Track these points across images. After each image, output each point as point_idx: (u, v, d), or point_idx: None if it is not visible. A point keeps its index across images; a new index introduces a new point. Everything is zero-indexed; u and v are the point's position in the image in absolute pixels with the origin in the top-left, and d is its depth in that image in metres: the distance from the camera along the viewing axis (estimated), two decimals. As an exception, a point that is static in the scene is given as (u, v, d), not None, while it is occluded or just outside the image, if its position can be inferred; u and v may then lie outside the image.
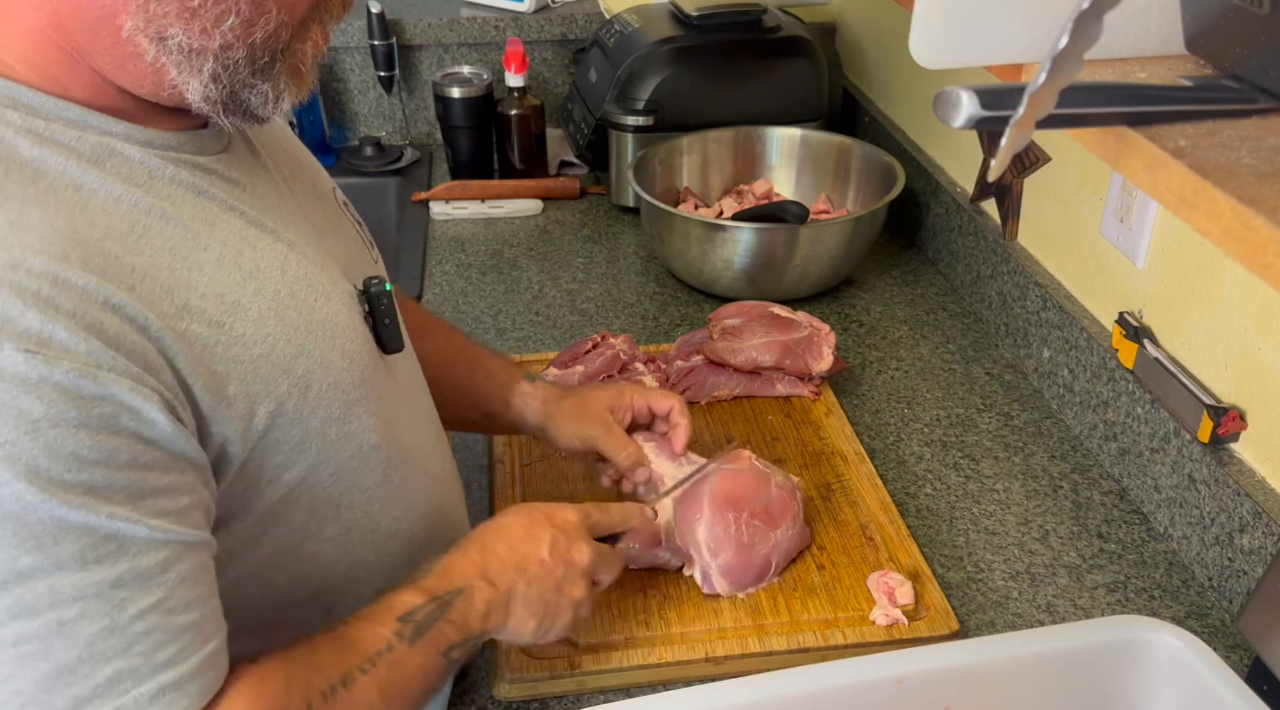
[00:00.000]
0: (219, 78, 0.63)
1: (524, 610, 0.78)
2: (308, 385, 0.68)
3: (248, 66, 0.63)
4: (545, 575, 0.79)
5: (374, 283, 0.78)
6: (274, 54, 0.64)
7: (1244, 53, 0.56)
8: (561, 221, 1.69)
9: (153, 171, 0.65)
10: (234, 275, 0.66)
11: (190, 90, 0.63)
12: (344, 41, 1.87)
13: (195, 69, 0.62)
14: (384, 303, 0.78)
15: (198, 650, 0.61)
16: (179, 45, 0.61)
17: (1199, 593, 0.99)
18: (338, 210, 0.84)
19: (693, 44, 1.61)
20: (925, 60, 0.63)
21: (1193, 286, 1.02)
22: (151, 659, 0.58)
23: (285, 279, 0.69)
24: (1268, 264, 0.45)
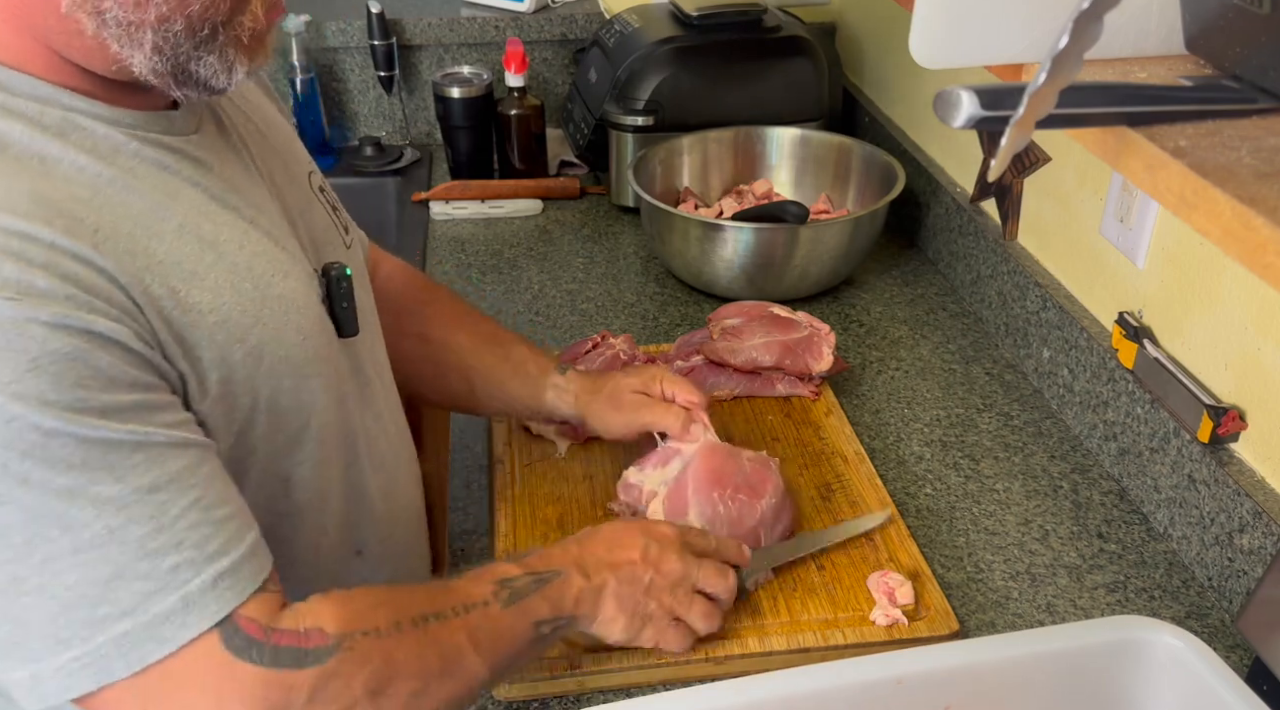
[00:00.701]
0: (161, 50, 0.64)
1: (614, 605, 0.81)
2: (260, 356, 0.70)
3: (188, 39, 0.65)
4: (635, 577, 0.82)
5: (334, 267, 0.81)
6: (214, 26, 0.66)
7: (1244, 53, 0.56)
8: (561, 221, 1.69)
9: (117, 146, 0.67)
10: (193, 246, 0.68)
11: (135, 63, 0.64)
12: (344, 41, 1.87)
13: (136, 42, 0.64)
14: (342, 286, 0.81)
15: (243, 538, 0.65)
16: (116, 19, 0.62)
17: (1199, 593, 0.99)
18: (310, 194, 0.85)
19: (693, 44, 1.61)
20: (925, 60, 0.63)
21: (1193, 286, 1.02)
22: (203, 550, 0.62)
23: (244, 253, 0.71)
24: (1268, 264, 0.45)
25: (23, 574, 0.58)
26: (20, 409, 0.55)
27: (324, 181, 0.90)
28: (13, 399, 0.55)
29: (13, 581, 0.58)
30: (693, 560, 0.86)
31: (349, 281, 0.81)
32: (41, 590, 0.59)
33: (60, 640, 0.59)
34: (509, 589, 0.76)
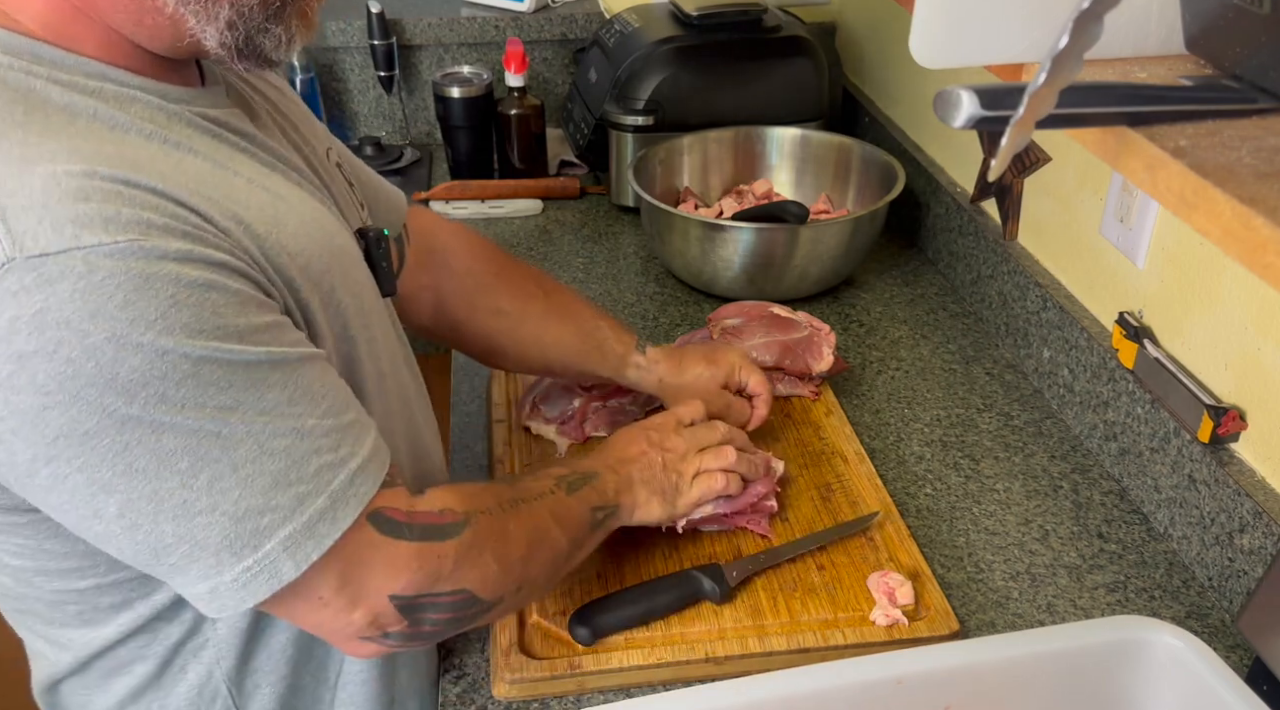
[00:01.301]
0: (234, 24, 0.67)
1: (644, 491, 0.92)
2: (331, 300, 0.74)
3: (261, 11, 0.68)
4: (650, 462, 0.93)
5: (371, 228, 0.85)
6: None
7: (1244, 53, 0.56)
8: (561, 221, 1.69)
9: (171, 115, 0.69)
10: (265, 197, 0.70)
11: (208, 37, 0.67)
12: (344, 41, 1.87)
13: (212, 16, 0.66)
14: (381, 246, 0.84)
15: (367, 436, 0.71)
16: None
17: (1199, 593, 0.99)
18: (331, 168, 0.88)
19: (693, 44, 1.61)
20: (925, 60, 0.63)
21: (1193, 286, 1.02)
22: (338, 453, 0.68)
23: (305, 207, 0.74)
24: (1268, 264, 0.45)
25: (191, 497, 0.62)
26: (170, 342, 0.59)
27: (340, 157, 0.92)
28: (162, 334, 0.58)
29: (183, 506, 0.62)
30: (689, 431, 0.97)
31: (387, 242, 0.85)
32: (213, 508, 0.63)
33: (234, 552, 0.64)
34: (566, 482, 0.86)
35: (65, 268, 0.56)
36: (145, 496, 0.61)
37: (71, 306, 0.56)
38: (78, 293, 0.56)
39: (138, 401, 0.59)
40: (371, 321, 0.80)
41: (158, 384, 0.59)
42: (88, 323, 0.57)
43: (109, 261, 0.57)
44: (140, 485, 0.61)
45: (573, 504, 0.85)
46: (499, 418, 1.18)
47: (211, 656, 0.81)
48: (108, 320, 0.57)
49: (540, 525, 0.81)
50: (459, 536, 0.74)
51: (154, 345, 0.58)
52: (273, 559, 0.65)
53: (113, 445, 0.59)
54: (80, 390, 0.57)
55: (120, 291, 0.57)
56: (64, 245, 0.56)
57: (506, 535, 0.77)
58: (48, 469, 0.60)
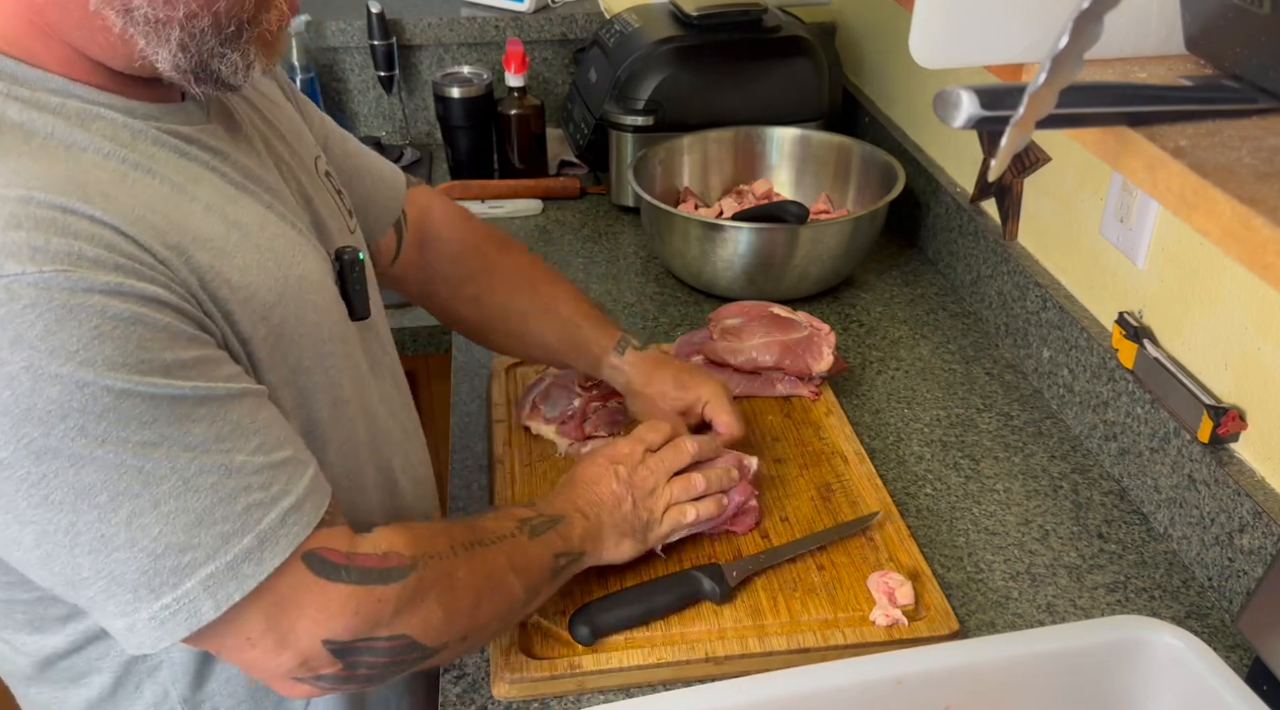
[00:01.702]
0: (186, 47, 0.66)
1: (615, 534, 0.90)
2: (282, 334, 0.72)
3: (214, 36, 0.66)
4: (619, 503, 0.91)
5: (347, 250, 0.83)
6: (240, 24, 0.67)
7: (1244, 53, 0.56)
8: (561, 221, 1.69)
9: (136, 133, 0.67)
10: (219, 226, 0.69)
11: (160, 60, 0.65)
12: (344, 41, 1.87)
13: (163, 39, 0.65)
14: (355, 270, 0.83)
15: (303, 475, 0.69)
16: (145, 16, 0.63)
17: (1199, 593, 0.99)
18: (318, 179, 0.87)
19: (693, 44, 1.61)
20: (925, 60, 0.62)
21: (1193, 286, 1.02)
22: (269, 491, 0.66)
23: (264, 234, 0.72)
24: (1268, 264, 0.45)
25: (109, 532, 0.61)
26: (91, 375, 0.58)
27: (329, 167, 0.91)
28: (82, 366, 0.57)
29: (101, 540, 0.61)
30: (656, 460, 0.94)
31: (361, 266, 0.84)
32: (131, 544, 0.61)
33: (152, 589, 0.63)
34: (529, 526, 0.84)
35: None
36: (62, 528, 0.60)
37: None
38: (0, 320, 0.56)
39: (55, 433, 0.58)
40: (334, 350, 0.78)
41: (77, 416, 0.58)
42: (6, 351, 0.56)
43: (32, 291, 0.56)
44: (56, 517, 0.60)
45: (533, 549, 0.83)
46: (499, 418, 1.18)
47: (167, 677, 0.80)
48: (26, 349, 0.56)
49: (495, 572, 0.79)
50: (402, 581, 0.71)
51: (73, 377, 0.57)
52: (192, 598, 0.63)
53: (28, 476, 0.58)
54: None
55: (41, 321, 0.56)
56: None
57: (455, 582, 0.75)
58: None
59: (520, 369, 1.26)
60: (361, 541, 0.71)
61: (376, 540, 0.72)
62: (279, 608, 0.67)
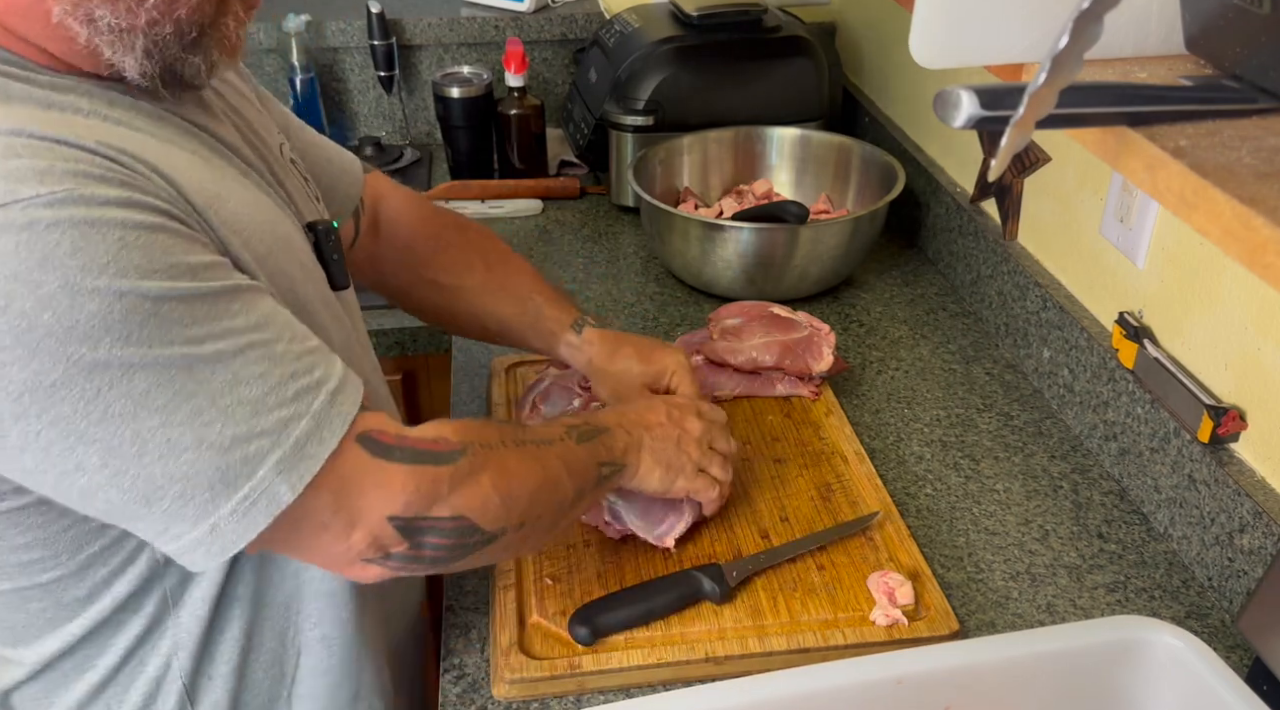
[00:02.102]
0: (151, 53, 0.67)
1: (651, 459, 0.91)
2: (275, 282, 0.72)
3: (176, 41, 0.68)
4: (665, 434, 0.93)
5: (320, 222, 0.84)
6: (201, 28, 0.69)
7: (1244, 53, 0.56)
8: (561, 221, 1.69)
9: (113, 100, 0.69)
10: (207, 173, 0.70)
11: (127, 67, 0.67)
12: (344, 41, 1.87)
13: (127, 46, 0.66)
14: (331, 239, 0.84)
15: (335, 360, 0.70)
16: (109, 25, 0.65)
17: (1199, 593, 0.99)
18: (286, 164, 0.88)
19: (693, 44, 1.61)
20: (925, 60, 0.63)
21: (1193, 286, 1.02)
22: (312, 375, 0.67)
23: (249, 193, 0.74)
24: (1268, 264, 0.45)
25: (175, 435, 0.61)
26: (126, 284, 0.58)
27: (294, 154, 0.92)
28: (116, 276, 0.58)
29: (168, 444, 0.61)
30: (706, 423, 0.97)
31: (336, 235, 0.85)
32: (199, 443, 0.62)
33: (227, 483, 0.63)
34: (577, 432, 0.86)
35: (5, 221, 0.56)
36: (127, 440, 0.60)
37: (18, 259, 0.56)
38: (22, 245, 0.56)
39: (103, 346, 0.58)
40: (321, 312, 0.79)
41: (120, 326, 0.58)
42: (38, 273, 0.56)
43: (49, 211, 0.57)
44: (120, 429, 0.60)
45: (581, 453, 0.84)
46: (499, 418, 1.18)
47: (169, 647, 0.80)
48: (58, 268, 0.56)
49: (547, 466, 0.80)
50: (454, 463, 0.73)
51: (110, 288, 0.58)
52: (268, 484, 0.64)
53: (84, 393, 0.59)
54: (39, 342, 0.57)
55: (67, 239, 0.57)
56: (2, 199, 0.56)
57: (508, 469, 0.77)
58: (17, 427, 0.59)
59: (520, 369, 1.26)
60: (410, 430, 0.73)
61: (425, 428, 0.74)
62: (345, 486, 0.68)
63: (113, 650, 0.79)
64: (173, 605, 0.78)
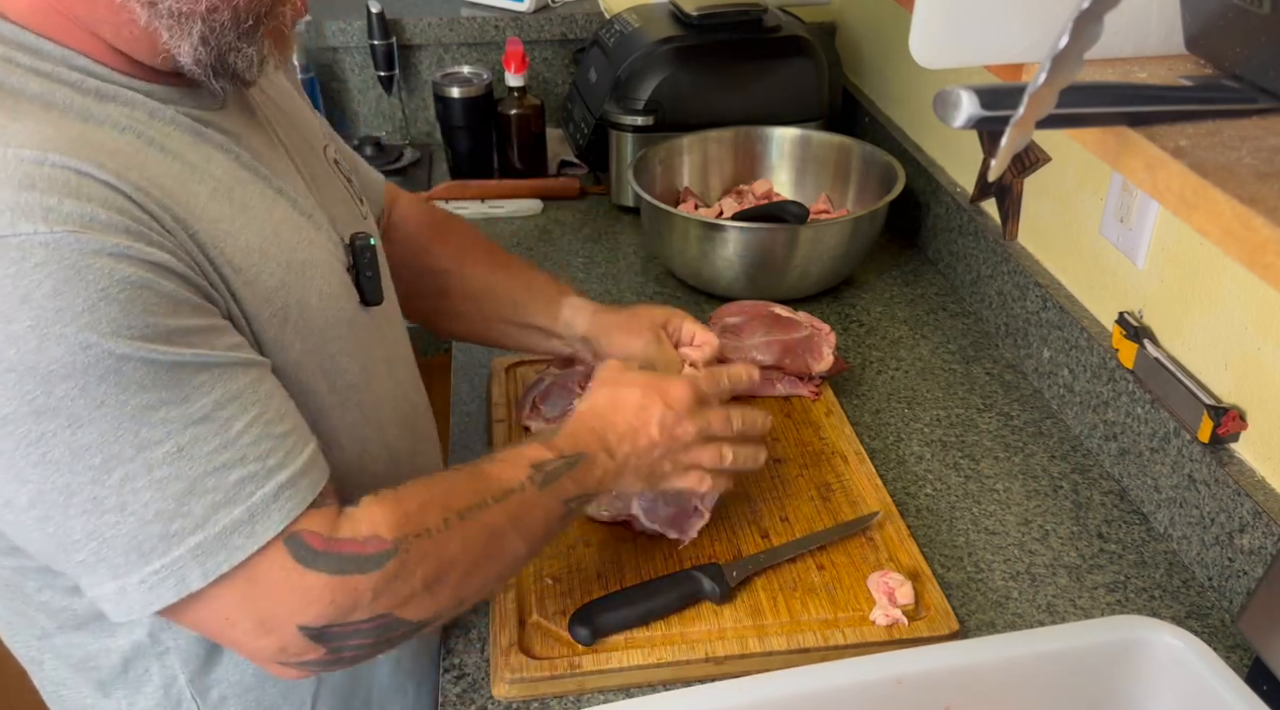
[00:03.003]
0: (207, 40, 0.68)
1: (633, 477, 0.87)
2: (285, 318, 0.72)
3: (233, 29, 0.68)
4: (651, 448, 0.87)
5: (359, 237, 0.83)
6: (257, 17, 0.70)
7: (1244, 53, 0.56)
8: (561, 221, 1.69)
9: (152, 112, 0.69)
10: (226, 207, 0.70)
11: (182, 53, 0.68)
12: (344, 41, 1.87)
13: (185, 32, 0.67)
14: (367, 256, 0.83)
15: (301, 451, 0.69)
16: (169, 10, 0.66)
17: (1199, 593, 0.99)
18: (328, 167, 0.88)
19: (693, 44, 1.61)
20: (925, 60, 0.63)
21: (1193, 286, 1.02)
22: (264, 464, 0.66)
23: (271, 219, 0.73)
24: (1268, 264, 0.45)
25: (102, 494, 0.62)
26: (94, 337, 0.59)
27: (338, 153, 0.93)
28: (86, 327, 0.58)
29: (93, 502, 0.62)
30: (702, 417, 0.90)
31: (373, 251, 0.84)
32: (122, 508, 0.62)
33: (141, 554, 0.63)
34: (542, 473, 0.81)
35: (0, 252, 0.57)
36: (57, 488, 0.61)
37: (1, 289, 0.57)
38: (8, 278, 0.57)
39: (57, 392, 0.59)
40: (341, 335, 0.78)
41: (79, 377, 0.59)
42: (14, 309, 0.57)
43: (43, 250, 0.57)
44: (53, 477, 0.61)
45: (542, 501, 0.80)
46: (499, 418, 1.18)
47: (175, 662, 0.81)
48: (34, 308, 0.57)
49: (493, 536, 0.77)
50: (382, 568, 0.69)
51: (77, 338, 0.58)
52: (180, 566, 0.64)
53: (28, 434, 0.59)
54: (1, 374, 0.58)
55: (50, 280, 0.57)
56: (2, 230, 0.57)
57: (445, 558, 0.73)
58: None
59: (520, 369, 1.26)
60: (344, 522, 0.70)
61: (359, 521, 0.70)
62: (258, 587, 0.66)
63: (113, 651, 0.80)
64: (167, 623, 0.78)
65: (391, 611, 0.71)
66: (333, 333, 0.77)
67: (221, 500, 0.64)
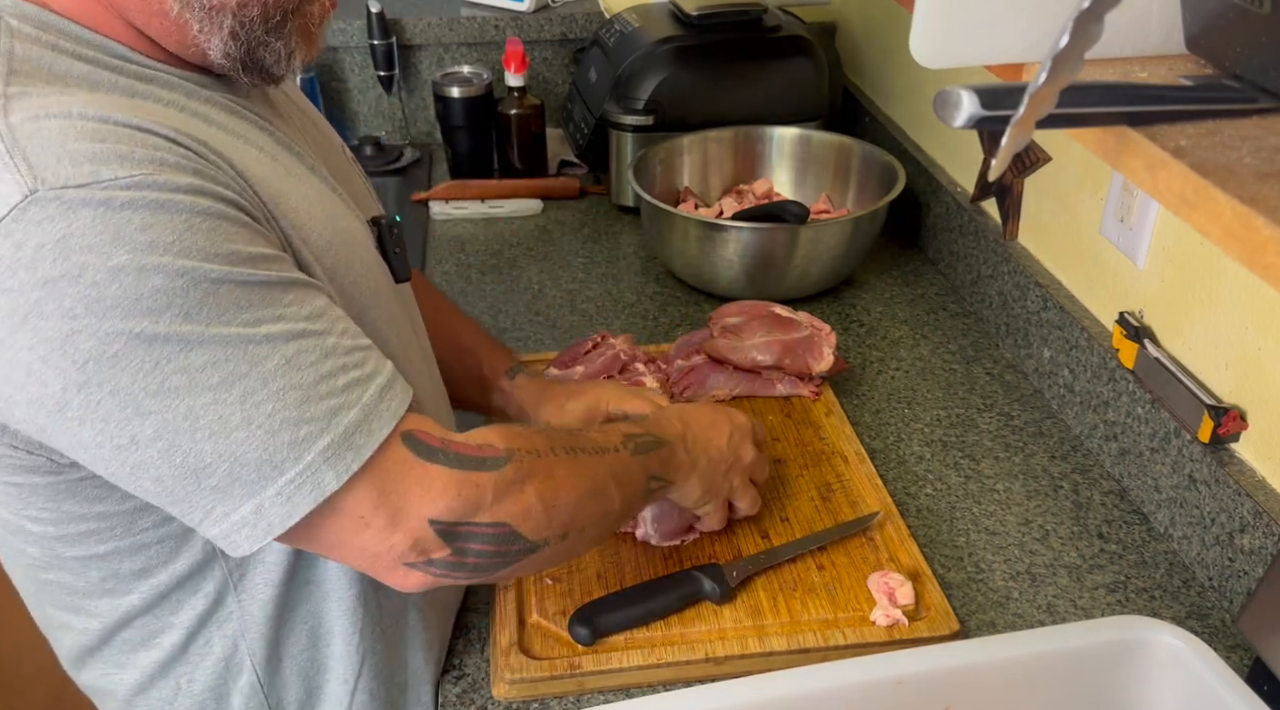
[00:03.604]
0: (237, 35, 0.70)
1: (698, 480, 0.91)
2: (334, 277, 0.75)
3: (262, 24, 0.70)
4: (720, 459, 0.93)
5: (383, 217, 0.86)
6: (285, 13, 0.72)
7: (1244, 52, 0.56)
8: (561, 221, 1.69)
9: (190, 93, 0.72)
10: (273, 171, 0.72)
11: (212, 48, 0.70)
12: (344, 41, 1.87)
13: (216, 25, 0.69)
14: (394, 233, 0.86)
15: (385, 360, 0.72)
16: (200, 3, 0.68)
17: (1199, 593, 0.99)
18: (347, 162, 0.91)
19: (693, 44, 1.61)
20: (925, 60, 0.63)
21: (1193, 286, 1.02)
22: (363, 369, 0.69)
23: (312, 189, 0.76)
24: (1268, 264, 0.45)
25: (226, 413, 0.63)
26: (188, 263, 0.61)
27: (351, 154, 0.96)
28: (180, 256, 0.61)
29: (220, 422, 0.63)
30: (757, 455, 0.97)
31: (399, 228, 0.86)
32: (248, 423, 0.64)
33: (274, 464, 0.64)
34: (635, 442, 0.85)
35: (86, 198, 0.59)
36: (180, 414, 0.62)
37: (94, 232, 0.59)
38: (98, 219, 0.59)
39: (163, 320, 0.61)
40: (380, 303, 0.80)
41: (180, 302, 0.61)
42: (110, 247, 0.59)
43: (126, 192, 0.60)
44: (174, 403, 0.62)
45: (634, 465, 0.84)
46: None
47: (236, 629, 0.81)
48: (128, 244, 0.59)
49: (596, 476, 0.80)
50: (498, 469, 0.73)
51: (173, 266, 0.60)
52: (314, 470, 0.65)
53: (143, 365, 0.61)
54: (106, 312, 0.59)
55: (138, 217, 0.60)
56: (84, 179, 0.59)
57: (555, 478, 0.76)
58: (80, 397, 0.61)
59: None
60: (455, 434, 0.73)
61: (470, 434, 0.74)
62: (388, 483, 0.68)
63: (175, 628, 0.81)
64: (235, 588, 0.80)
65: (509, 522, 0.73)
66: (372, 300, 0.79)
67: (338, 405, 0.66)
